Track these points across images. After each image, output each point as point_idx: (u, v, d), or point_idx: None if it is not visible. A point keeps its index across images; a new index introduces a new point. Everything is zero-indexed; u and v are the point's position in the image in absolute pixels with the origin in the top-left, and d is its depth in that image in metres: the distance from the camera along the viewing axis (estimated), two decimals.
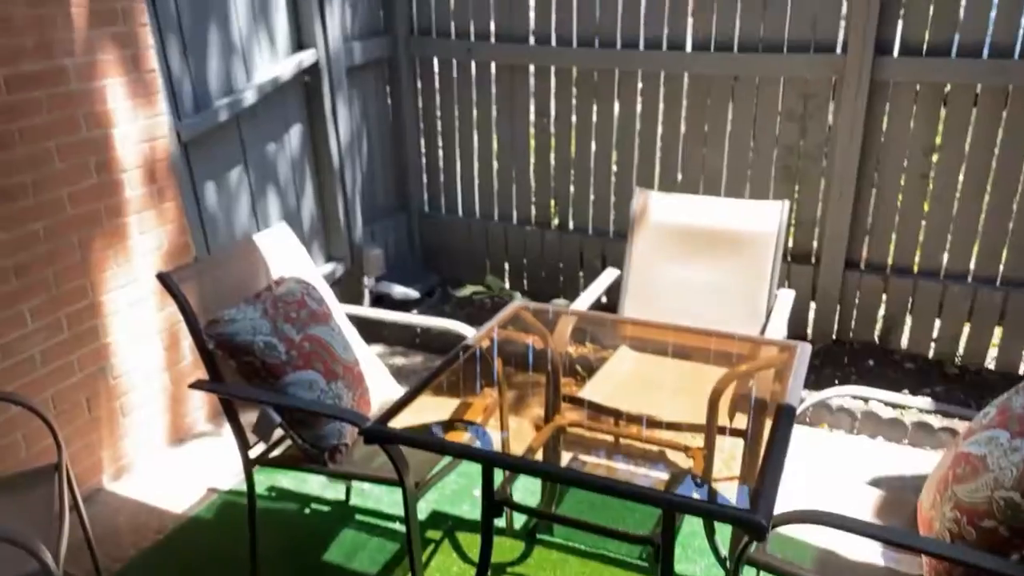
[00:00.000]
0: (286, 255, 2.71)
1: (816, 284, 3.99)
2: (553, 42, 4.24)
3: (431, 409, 2.23)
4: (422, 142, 4.78)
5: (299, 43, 3.89)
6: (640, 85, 4.11)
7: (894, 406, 3.40)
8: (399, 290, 4.44)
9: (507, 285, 4.76)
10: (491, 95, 4.49)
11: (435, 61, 4.56)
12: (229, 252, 2.64)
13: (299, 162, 4.02)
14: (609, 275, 3.23)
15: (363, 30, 4.33)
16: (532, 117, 4.44)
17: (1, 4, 2.52)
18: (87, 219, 2.89)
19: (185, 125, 3.26)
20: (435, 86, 4.61)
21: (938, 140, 3.65)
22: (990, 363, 3.80)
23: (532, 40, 4.30)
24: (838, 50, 3.66)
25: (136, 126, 3.02)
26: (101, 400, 3.05)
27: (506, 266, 4.77)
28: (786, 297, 2.96)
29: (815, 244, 3.98)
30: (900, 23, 3.55)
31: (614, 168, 4.33)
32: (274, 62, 3.75)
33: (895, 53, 3.58)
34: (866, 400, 3.43)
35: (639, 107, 4.15)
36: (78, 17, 2.76)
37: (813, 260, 4.00)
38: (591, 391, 2.60)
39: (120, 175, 2.99)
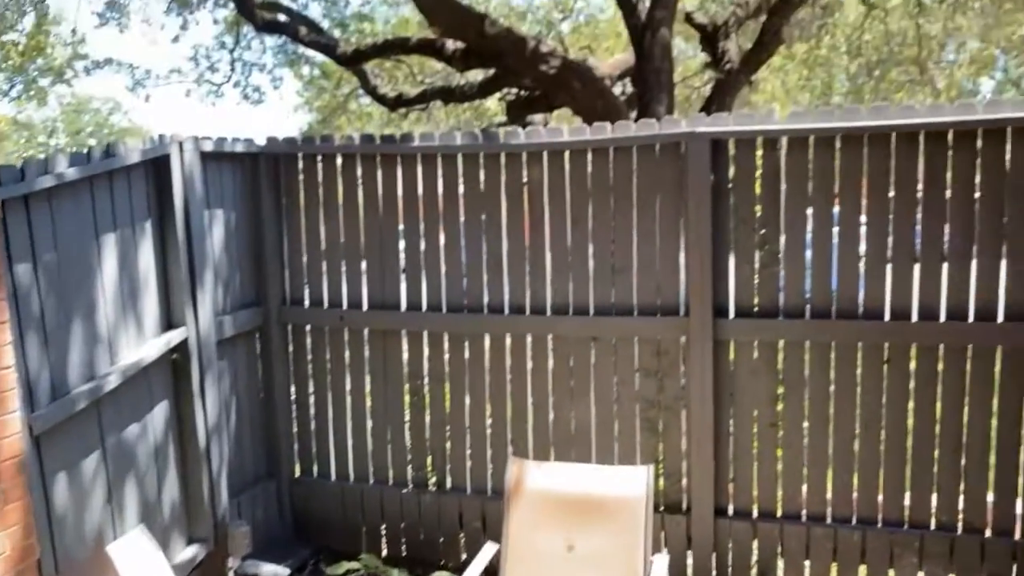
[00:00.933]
0: (142, 564, 2.54)
1: (690, 534, 4.08)
2: (424, 308, 4.45)
3: None
4: (293, 407, 4.75)
5: (168, 323, 3.90)
6: (508, 346, 4.33)
7: None
8: (268, 569, 4.17)
9: (384, 550, 4.58)
10: (364, 358, 4.58)
11: (308, 329, 4.66)
12: (78, 568, 2.45)
13: (162, 442, 3.87)
14: (489, 550, 3.20)
15: (235, 303, 4.41)
16: (406, 377, 4.53)
17: None
18: None
19: (38, 417, 3.12)
20: (307, 352, 4.68)
21: (780, 390, 3.99)
22: None
23: (404, 306, 4.50)
24: (682, 312, 4.04)
25: None
26: None
27: (383, 530, 4.61)
28: (661, 563, 3.01)
29: (684, 494, 4.11)
30: (732, 290, 3.99)
31: (488, 422, 4.42)
32: (141, 344, 3.72)
33: (731, 315, 3.98)
34: None
35: (508, 366, 4.34)
36: None
37: (684, 509, 4.12)
38: None
39: None
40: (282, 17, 10.53)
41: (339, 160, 4.49)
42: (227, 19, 12.13)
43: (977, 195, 3.62)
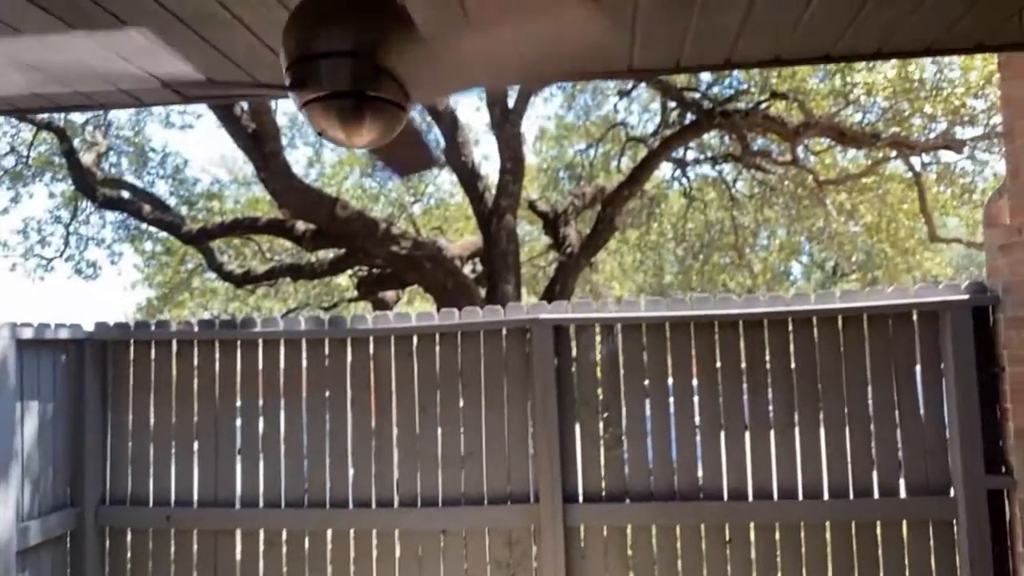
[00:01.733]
0: None
1: None
2: (260, 503, 4.17)
3: None
4: None
5: None
6: (352, 541, 4.09)
7: None
8: None
9: None
10: (192, 562, 4.17)
11: (128, 532, 4.21)
12: None
13: None
14: None
15: (45, 505, 3.95)
16: None
17: None
18: None
19: None
20: (127, 560, 4.20)
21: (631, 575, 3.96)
22: None
23: (239, 503, 4.19)
24: (532, 499, 4.00)
25: None
26: None
27: None
28: None
29: None
30: (580, 474, 4.02)
31: None
32: None
33: (580, 500, 3.98)
34: None
35: (352, 566, 4.07)
36: None
37: None
38: None
39: None
40: (125, 194, 10.30)
41: (175, 346, 4.29)
42: (65, 193, 11.70)
43: (793, 366, 3.93)
